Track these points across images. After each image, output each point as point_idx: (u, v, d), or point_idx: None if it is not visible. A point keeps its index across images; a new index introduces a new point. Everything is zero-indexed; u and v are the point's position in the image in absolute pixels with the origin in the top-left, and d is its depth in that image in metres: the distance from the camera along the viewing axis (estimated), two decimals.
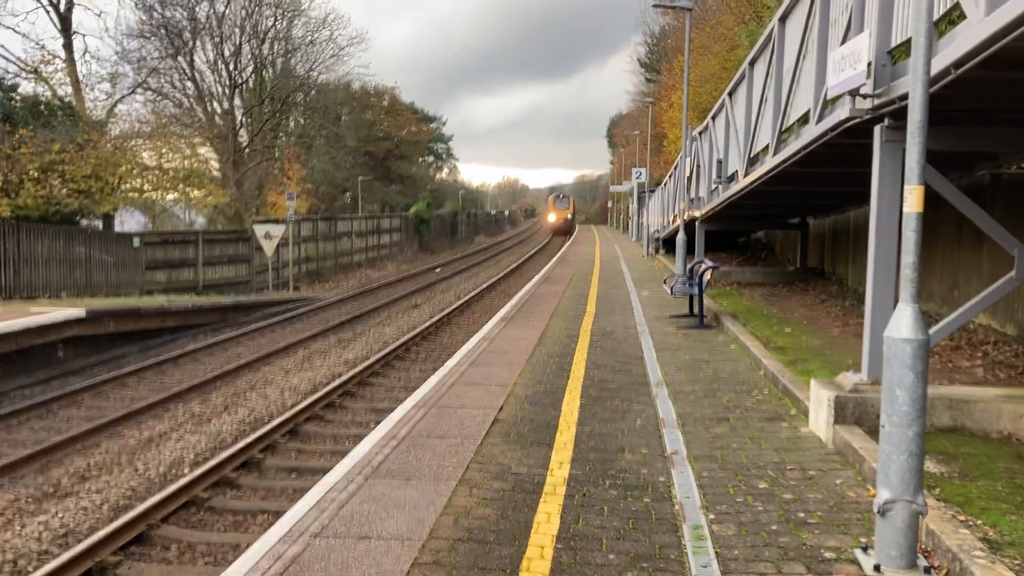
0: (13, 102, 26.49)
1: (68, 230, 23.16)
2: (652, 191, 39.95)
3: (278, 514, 7.71)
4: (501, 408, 8.09)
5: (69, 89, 29.80)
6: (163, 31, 35.58)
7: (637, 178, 44.86)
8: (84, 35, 53.21)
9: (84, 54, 33.55)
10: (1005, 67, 5.56)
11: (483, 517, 5.31)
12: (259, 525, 7.94)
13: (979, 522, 4.94)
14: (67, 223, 24.19)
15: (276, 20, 41.68)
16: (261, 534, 5.28)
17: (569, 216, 77.60)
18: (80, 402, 13.37)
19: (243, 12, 39.37)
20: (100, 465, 9.97)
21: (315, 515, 5.33)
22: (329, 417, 11.77)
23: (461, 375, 9.68)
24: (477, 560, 4.68)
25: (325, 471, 7.00)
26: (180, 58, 36.67)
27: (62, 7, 29.71)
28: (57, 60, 29.70)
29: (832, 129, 8.09)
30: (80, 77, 30.15)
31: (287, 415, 11.22)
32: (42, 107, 27.11)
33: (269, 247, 29.46)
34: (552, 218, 78.46)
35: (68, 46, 29.83)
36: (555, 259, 33.43)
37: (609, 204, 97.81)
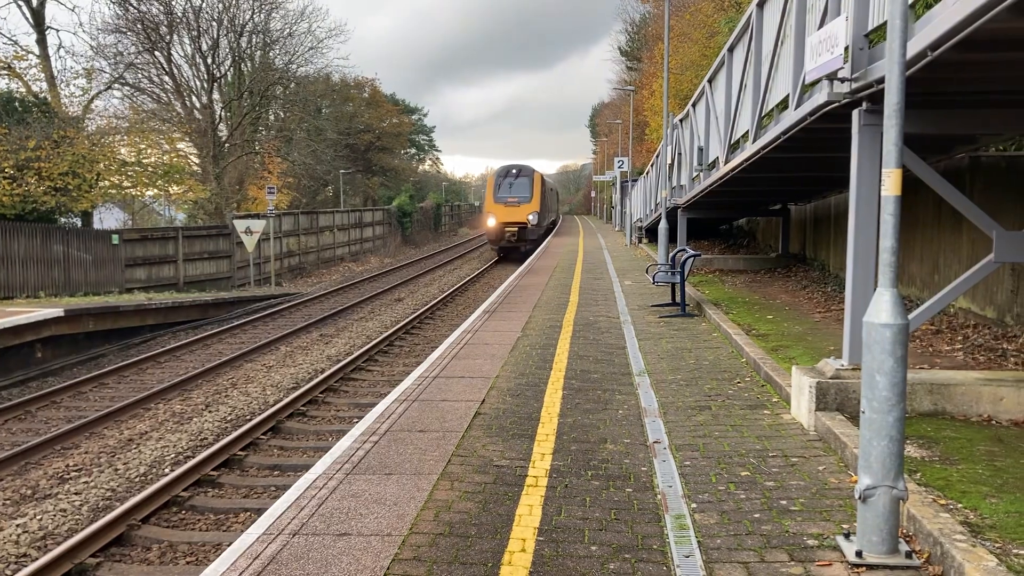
0: None
1: (45, 228, 22.88)
2: (635, 180, 39.97)
3: (260, 512, 7.65)
4: (483, 401, 8.04)
5: (44, 85, 29.44)
6: (139, 25, 35.19)
7: (619, 167, 44.88)
8: (58, 30, 52.58)
9: (59, 49, 33.23)
10: (981, 48, 5.54)
11: (464, 511, 5.26)
12: (241, 523, 7.86)
13: (960, 506, 4.93)
14: (44, 221, 23.88)
15: (254, 13, 41.33)
16: (243, 533, 5.21)
17: (532, 217, 37.15)
18: (59, 403, 13.22)
19: (220, 5, 39.00)
20: (79, 466, 9.85)
21: (294, 513, 5.27)
22: (312, 413, 11.68)
23: (443, 369, 9.61)
24: (458, 555, 4.63)
25: (308, 468, 6.93)
26: (157, 52, 36.29)
27: (34, 2, 29.32)
28: (31, 56, 29.34)
29: (811, 114, 8.06)
30: (55, 73, 29.78)
31: (269, 412, 11.13)
32: (16, 104, 26.75)
33: (250, 242, 29.24)
34: (492, 222, 37.62)
35: (42, 41, 29.45)
36: (539, 251, 33.37)
37: (592, 194, 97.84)
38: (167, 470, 9.56)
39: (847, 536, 4.64)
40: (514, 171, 38.03)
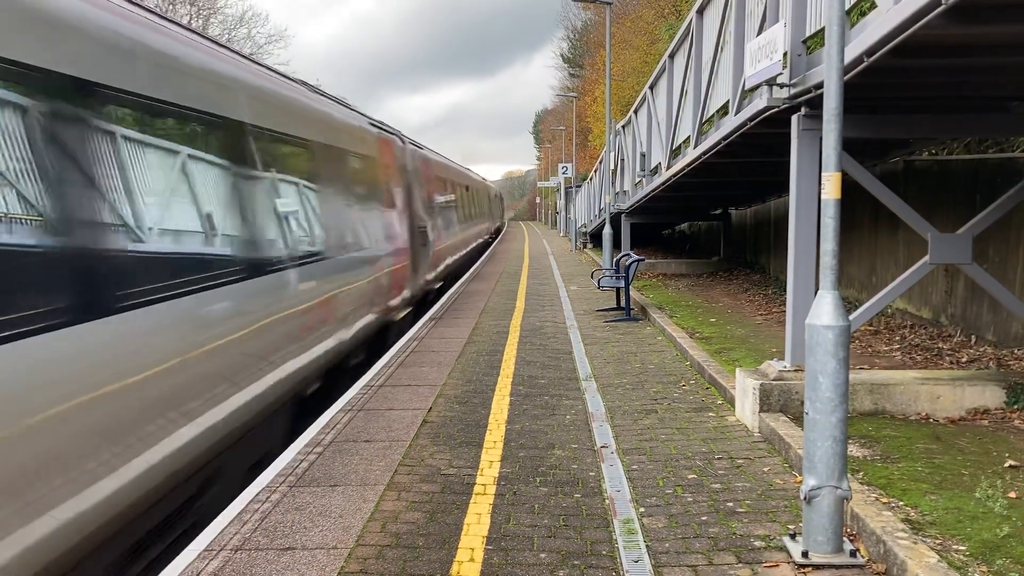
0: None
1: None
2: (579, 186, 40.25)
3: None
4: (430, 409, 7.96)
5: None
6: None
7: (563, 173, 45.14)
8: None
9: None
10: (915, 55, 5.66)
11: (412, 521, 5.18)
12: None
13: (901, 503, 5.02)
14: None
15: (192, 18, 40.68)
16: (183, 550, 5.05)
17: None
18: None
19: (158, 10, 38.30)
20: None
21: (236, 528, 5.13)
22: None
23: (389, 377, 9.51)
24: (406, 566, 4.55)
25: None
26: None
27: None
28: None
29: (751, 119, 8.17)
30: None
31: None
32: None
33: None
34: None
35: None
36: (484, 257, 33.37)
37: (537, 200, 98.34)
38: None
39: (793, 536, 4.68)
40: None
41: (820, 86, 6.06)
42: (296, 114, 8.53)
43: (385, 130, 14.06)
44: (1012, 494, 5.09)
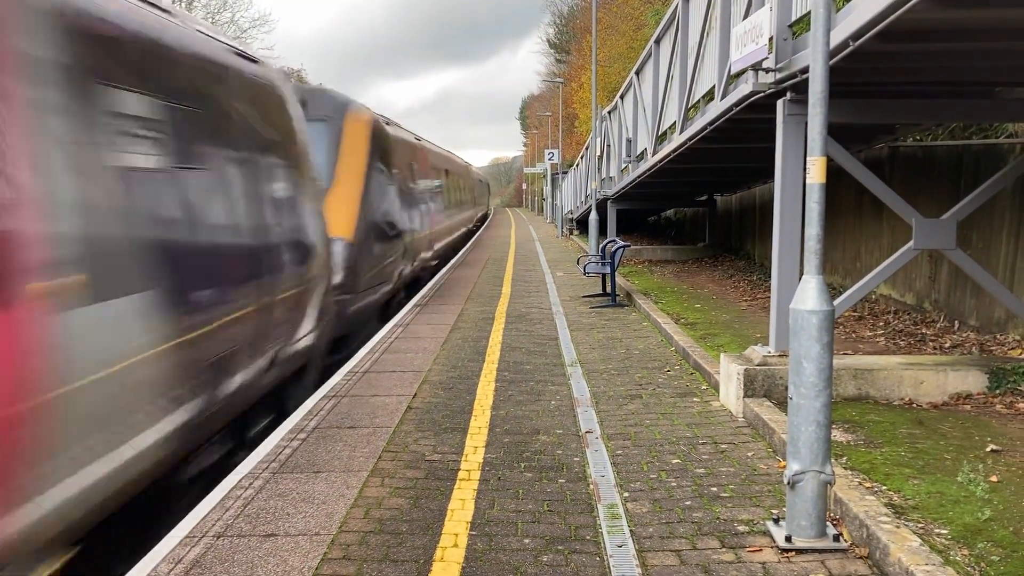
0: None
1: None
2: (565, 172, 40.19)
3: None
4: (415, 395, 7.94)
5: None
6: None
7: (550, 159, 45.03)
8: None
9: None
10: (901, 39, 5.65)
11: (396, 508, 5.16)
12: None
13: (884, 488, 5.03)
14: None
15: (175, 2, 40.27)
16: (164, 536, 5.02)
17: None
18: None
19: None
20: None
21: (218, 515, 5.10)
22: None
23: (374, 363, 9.47)
24: (389, 552, 4.53)
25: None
26: None
27: None
28: None
29: (736, 104, 8.15)
30: None
31: None
32: None
33: None
34: None
35: None
36: (470, 244, 33.32)
37: (524, 186, 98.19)
38: None
39: (776, 521, 4.69)
40: None
41: (806, 71, 6.06)
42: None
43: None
44: (993, 478, 5.12)
